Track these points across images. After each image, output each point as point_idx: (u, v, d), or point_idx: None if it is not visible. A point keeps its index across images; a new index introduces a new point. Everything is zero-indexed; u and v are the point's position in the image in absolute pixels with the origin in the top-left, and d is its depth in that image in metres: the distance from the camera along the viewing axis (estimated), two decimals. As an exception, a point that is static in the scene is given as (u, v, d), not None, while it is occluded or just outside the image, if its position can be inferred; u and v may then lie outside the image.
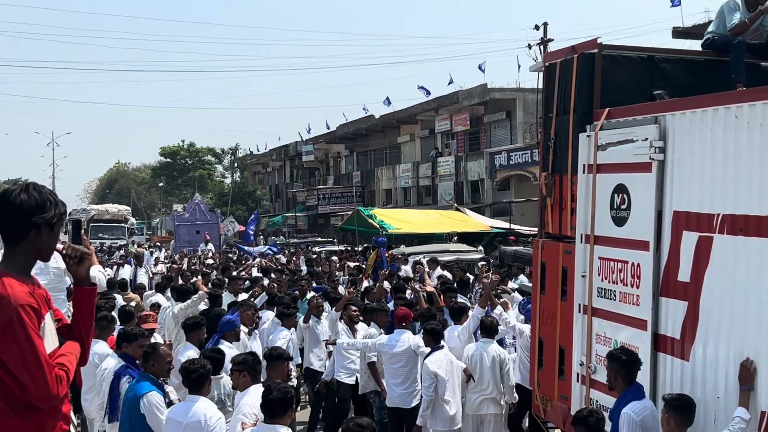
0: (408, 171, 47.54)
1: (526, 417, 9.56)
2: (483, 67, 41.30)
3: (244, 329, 9.49)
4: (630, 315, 6.64)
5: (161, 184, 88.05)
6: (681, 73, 7.64)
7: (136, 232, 55.17)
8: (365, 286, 13.45)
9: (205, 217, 39.10)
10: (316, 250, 31.09)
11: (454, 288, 12.29)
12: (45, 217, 3.32)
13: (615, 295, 6.85)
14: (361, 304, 10.84)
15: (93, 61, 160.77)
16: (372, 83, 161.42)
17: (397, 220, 29.47)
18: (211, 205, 56.46)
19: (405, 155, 50.79)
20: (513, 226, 28.17)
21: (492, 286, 10.12)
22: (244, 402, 6.36)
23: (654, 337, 6.38)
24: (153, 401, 6.33)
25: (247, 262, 22.25)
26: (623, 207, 6.80)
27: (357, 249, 28.09)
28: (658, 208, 6.39)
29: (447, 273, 16.47)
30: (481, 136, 41.97)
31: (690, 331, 5.99)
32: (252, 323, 9.98)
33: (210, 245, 34.26)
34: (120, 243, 45.18)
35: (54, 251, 3.47)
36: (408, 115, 47.37)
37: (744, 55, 7.54)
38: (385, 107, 48.74)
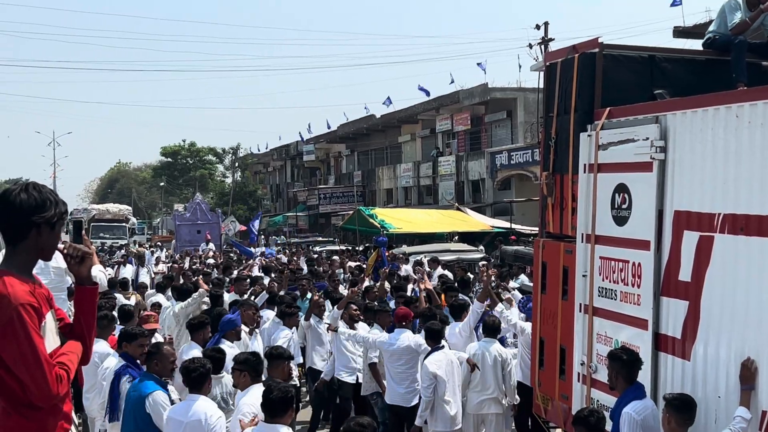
0: (409, 170, 47.54)
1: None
2: (483, 66, 41.33)
3: (245, 328, 9.49)
4: (631, 314, 6.64)
5: (162, 183, 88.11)
6: (682, 73, 7.64)
7: (137, 231, 55.22)
8: (366, 285, 13.45)
9: (206, 217, 39.07)
10: (317, 249, 31.10)
11: (455, 287, 12.30)
12: (45, 217, 3.32)
13: (616, 295, 6.85)
14: (362, 303, 10.83)
15: (94, 61, 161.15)
16: (373, 83, 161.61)
17: (398, 219, 29.48)
18: (212, 205, 56.49)
19: (406, 155, 50.79)
20: (514, 225, 28.19)
21: (489, 280, 10.10)
22: (244, 401, 6.36)
23: (655, 337, 6.38)
24: (158, 400, 6.34)
25: (248, 261, 22.26)
26: (624, 206, 6.80)
27: (358, 248, 28.11)
28: (659, 207, 6.39)
29: (448, 272, 16.49)
30: (482, 135, 41.96)
31: (691, 331, 5.99)
32: (253, 322, 9.97)
33: (211, 245, 34.28)
34: (121, 242, 45.24)
35: (55, 250, 3.47)
36: (409, 115, 47.36)
37: (745, 55, 7.53)
38: (386, 107, 48.77)
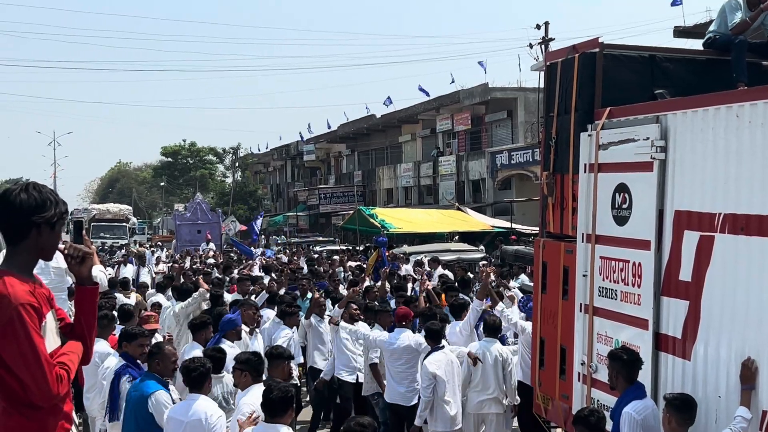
0: (409, 170, 47.53)
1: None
2: (484, 64, 41.31)
3: (245, 328, 9.49)
4: (631, 314, 6.63)
5: (162, 183, 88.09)
6: (682, 73, 7.63)
7: (137, 231, 55.26)
8: (366, 285, 13.46)
9: (207, 217, 39.09)
10: (317, 249, 31.10)
11: (455, 287, 12.30)
12: (45, 217, 3.32)
13: (616, 295, 6.84)
14: (362, 302, 10.84)
15: (94, 61, 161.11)
16: (373, 83, 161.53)
17: (399, 219, 29.50)
18: (213, 205, 56.49)
19: (406, 155, 50.78)
20: (514, 225, 28.20)
21: (488, 278, 10.11)
22: (244, 401, 6.36)
23: (655, 337, 6.37)
24: (161, 400, 6.35)
25: (248, 261, 22.25)
26: (624, 206, 6.79)
27: (358, 248, 28.11)
28: (659, 207, 6.38)
29: (448, 272, 16.51)
30: (483, 135, 41.96)
31: (691, 331, 5.99)
32: (253, 322, 9.97)
33: (211, 244, 34.29)
34: (121, 242, 45.30)
35: (56, 250, 3.47)
36: (409, 115, 47.35)
37: (745, 55, 7.53)
38: (387, 107, 48.76)
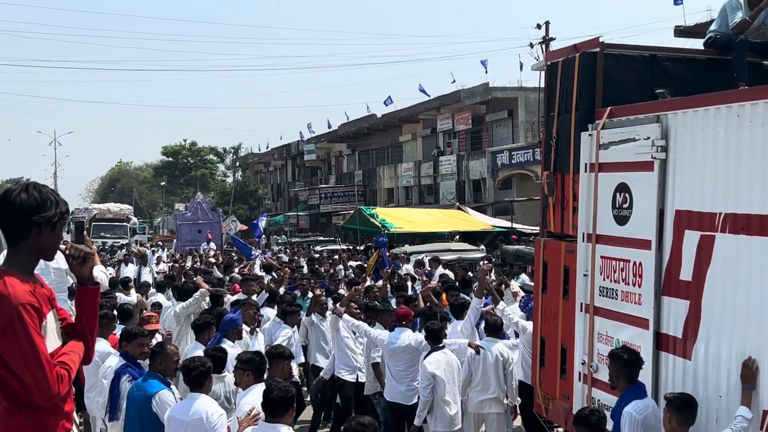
0: (410, 170, 47.53)
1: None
2: (485, 63, 41.31)
3: (246, 328, 9.49)
4: (632, 314, 6.63)
5: (163, 183, 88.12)
6: (683, 72, 7.63)
7: (138, 231, 55.27)
8: (366, 285, 13.45)
9: (207, 216, 39.07)
10: (317, 249, 31.10)
11: (456, 286, 12.30)
12: (45, 216, 3.32)
13: (617, 294, 6.84)
14: (363, 302, 10.84)
15: (95, 61, 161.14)
16: (374, 82, 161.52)
17: (399, 219, 29.52)
18: (213, 204, 56.49)
19: (407, 154, 50.79)
20: (515, 225, 28.20)
21: (485, 274, 10.11)
22: (245, 401, 6.36)
23: (656, 336, 6.37)
24: (165, 399, 6.39)
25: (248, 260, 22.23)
26: (625, 206, 6.79)
27: (359, 248, 28.12)
28: (660, 207, 6.38)
29: (449, 272, 16.52)
30: (483, 135, 41.96)
31: (692, 330, 5.98)
32: (254, 322, 9.96)
33: (212, 244, 34.30)
34: (122, 242, 45.32)
35: (57, 250, 3.47)
36: (410, 114, 47.35)
37: (746, 54, 7.52)
38: (387, 106, 48.74)
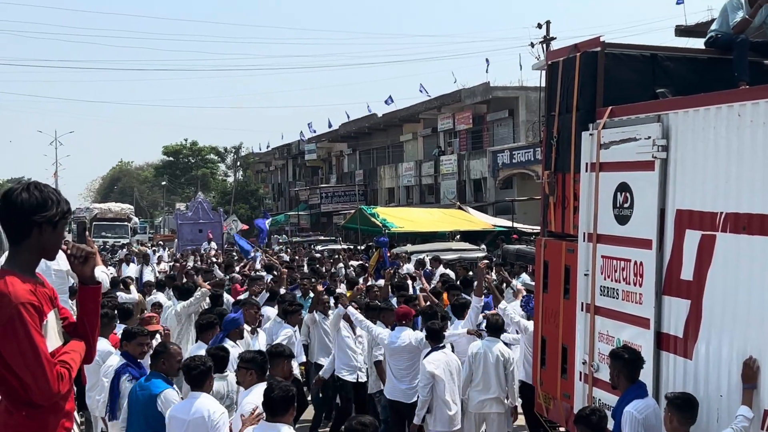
0: (410, 169, 47.54)
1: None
2: (488, 60, 41.36)
3: (246, 327, 9.48)
4: (633, 313, 6.63)
5: (164, 182, 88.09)
6: (684, 72, 7.62)
7: (138, 230, 55.29)
8: (368, 285, 13.45)
9: (208, 216, 39.14)
10: (318, 248, 31.12)
11: (457, 286, 12.30)
12: (46, 216, 3.32)
13: (618, 294, 6.84)
14: (363, 302, 10.84)
15: (96, 60, 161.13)
16: (374, 82, 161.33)
17: (400, 218, 29.54)
18: (214, 204, 56.50)
19: (407, 154, 50.79)
20: (516, 224, 28.22)
21: (482, 272, 10.10)
22: (247, 400, 6.35)
23: (657, 336, 6.37)
24: (170, 398, 6.42)
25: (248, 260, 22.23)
26: (626, 205, 6.79)
27: (360, 248, 28.13)
28: (660, 206, 6.38)
29: (450, 271, 16.52)
30: (484, 134, 41.96)
31: (693, 330, 5.98)
32: (255, 321, 9.97)
33: (213, 244, 34.34)
34: (123, 241, 45.35)
35: (59, 250, 3.47)
36: (410, 114, 47.36)
37: (747, 53, 7.52)
38: (388, 106, 48.77)
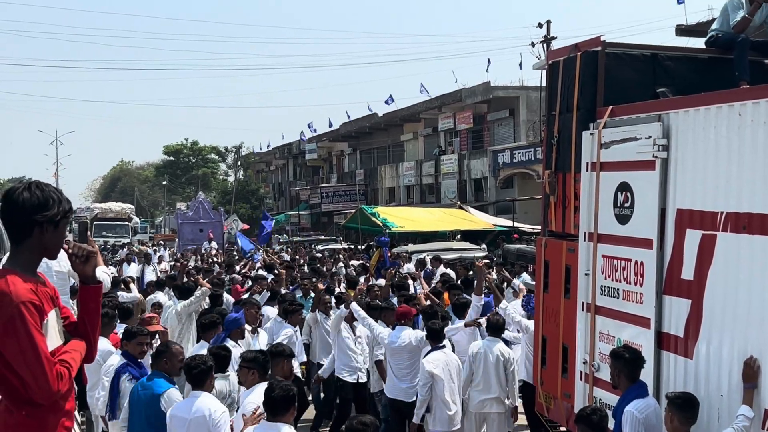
0: (411, 169, 47.54)
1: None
2: (490, 60, 41.41)
3: (247, 327, 9.49)
4: (633, 313, 6.63)
5: (165, 182, 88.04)
6: (684, 71, 7.62)
7: (139, 230, 55.33)
8: (368, 284, 13.45)
9: (209, 216, 39.15)
10: (319, 248, 31.12)
11: (458, 285, 12.30)
12: (47, 215, 3.32)
13: (618, 293, 6.84)
14: (364, 302, 10.84)
15: (96, 60, 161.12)
16: (375, 81, 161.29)
17: (401, 218, 29.55)
18: (215, 204, 56.51)
19: (408, 153, 50.80)
20: (516, 224, 28.24)
21: (483, 271, 10.10)
22: (249, 400, 6.36)
23: (657, 335, 6.37)
24: (174, 398, 6.43)
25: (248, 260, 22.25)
26: (626, 205, 6.79)
27: (360, 247, 28.13)
28: (661, 206, 6.38)
29: (450, 271, 16.52)
30: (485, 134, 41.96)
31: (693, 329, 5.99)
32: (255, 321, 9.97)
33: (213, 243, 34.35)
34: (123, 241, 45.39)
35: (60, 249, 3.47)
36: (411, 114, 47.36)
37: (748, 53, 7.52)
38: (389, 105, 48.75)
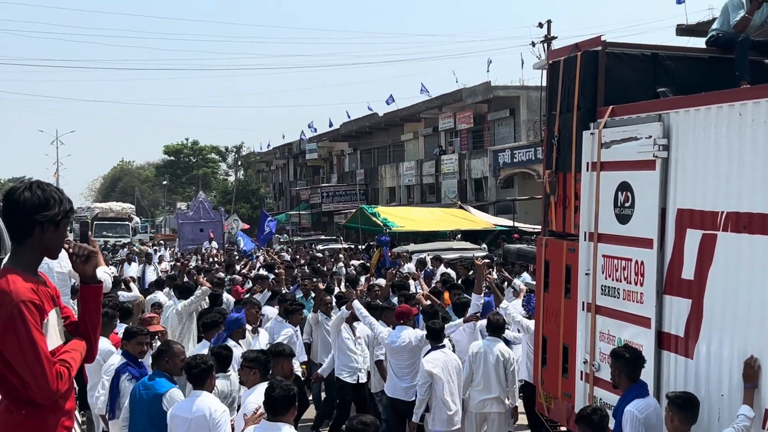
0: (411, 169, 47.54)
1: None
2: (490, 60, 41.44)
3: (247, 327, 9.49)
4: (634, 313, 6.63)
5: (165, 182, 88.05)
6: (685, 71, 7.62)
7: (140, 230, 55.36)
8: (369, 284, 13.46)
9: (209, 215, 39.20)
10: (319, 248, 31.13)
11: (459, 285, 12.31)
12: (48, 215, 3.32)
13: (619, 293, 6.84)
14: (364, 301, 10.84)
15: (96, 59, 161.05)
16: (375, 81, 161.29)
17: (401, 218, 29.54)
18: (215, 203, 56.52)
19: (408, 153, 50.79)
20: (516, 223, 28.24)
21: (482, 269, 10.11)
22: (250, 399, 6.37)
23: (658, 335, 6.37)
24: (176, 397, 6.45)
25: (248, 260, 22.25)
26: (627, 205, 6.79)
27: (361, 247, 28.13)
28: (661, 205, 6.38)
29: (450, 271, 16.53)
30: (485, 133, 41.95)
31: (694, 329, 5.99)
32: (256, 321, 9.98)
33: (214, 243, 34.37)
34: (124, 241, 45.42)
35: (61, 249, 3.48)
36: (411, 113, 47.36)
37: (748, 53, 7.51)
38: (389, 105, 48.74)
